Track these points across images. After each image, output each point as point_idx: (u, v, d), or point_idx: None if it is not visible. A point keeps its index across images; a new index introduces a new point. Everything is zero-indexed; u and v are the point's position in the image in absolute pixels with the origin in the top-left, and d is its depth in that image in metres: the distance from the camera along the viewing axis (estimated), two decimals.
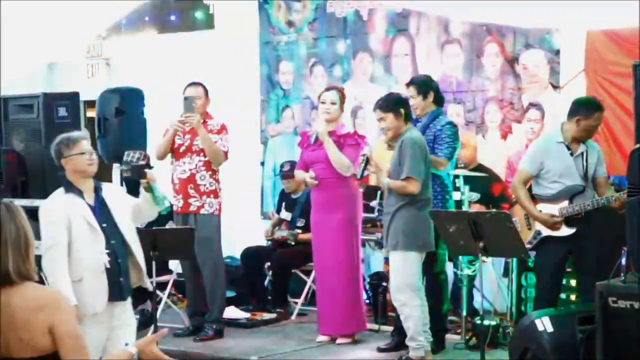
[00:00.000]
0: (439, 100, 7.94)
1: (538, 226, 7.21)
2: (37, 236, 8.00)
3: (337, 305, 8.07)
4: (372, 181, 8.81)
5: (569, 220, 7.06)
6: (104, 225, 5.77)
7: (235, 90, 10.71)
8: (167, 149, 8.48)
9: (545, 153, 7.19)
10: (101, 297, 5.74)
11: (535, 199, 7.23)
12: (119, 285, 5.80)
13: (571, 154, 7.10)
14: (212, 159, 8.32)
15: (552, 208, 7.11)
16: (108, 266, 5.72)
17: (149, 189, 5.99)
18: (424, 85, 7.80)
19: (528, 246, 7.14)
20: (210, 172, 8.36)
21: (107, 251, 5.73)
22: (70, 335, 3.64)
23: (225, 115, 8.91)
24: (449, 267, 8.26)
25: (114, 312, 5.80)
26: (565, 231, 7.08)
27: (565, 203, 7.07)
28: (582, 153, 7.09)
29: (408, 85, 7.90)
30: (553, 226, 7.09)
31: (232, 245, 10.36)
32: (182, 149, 8.43)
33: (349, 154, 8.01)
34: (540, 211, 7.15)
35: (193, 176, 8.34)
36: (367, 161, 7.36)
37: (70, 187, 5.80)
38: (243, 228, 10.47)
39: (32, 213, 7.84)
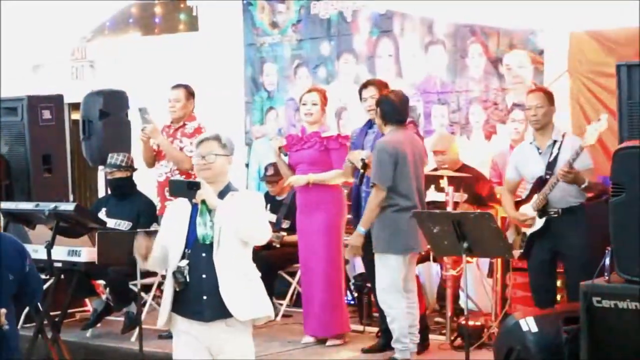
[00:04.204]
0: None
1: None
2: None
3: (320, 307, 8.05)
4: None
5: (542, 213, 7.10)
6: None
7: (219, 91, 10.69)
8: (147, 157, 8.52)
9: (518, 159, 7.35)
10: (163, 310, 5.26)
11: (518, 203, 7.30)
12: (199, 303, 5.15)
13: (540, 153, 7.16)
14: (174, 163, 8.32)
15: (529, 207, 7.17)
16: (187, 279, 5.14)
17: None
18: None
19: (520, 251, 7.22)
20: (184, 177, 8.19)
21: (185, 262, 5.16)
22: None
23: (209, 116, 8.90)
24: (435, 268, 8.27)
25: (209, 334, 5.21)
26: (538, 223, 7.11)
27: (535, 197, 7.12)
28: (549, 146, 7.12)
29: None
30: (525, 224, 7.16)
31: None
32: (163, 153, 8.48)
33: (334, 157, 8.00)
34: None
35: (167, 179, 8.32)
36: (365, 167, 7.37)
37: None
38: None
39: (17, 216, 7.90)
